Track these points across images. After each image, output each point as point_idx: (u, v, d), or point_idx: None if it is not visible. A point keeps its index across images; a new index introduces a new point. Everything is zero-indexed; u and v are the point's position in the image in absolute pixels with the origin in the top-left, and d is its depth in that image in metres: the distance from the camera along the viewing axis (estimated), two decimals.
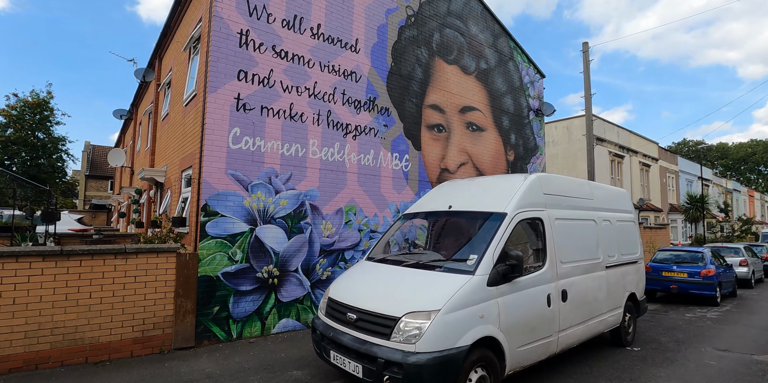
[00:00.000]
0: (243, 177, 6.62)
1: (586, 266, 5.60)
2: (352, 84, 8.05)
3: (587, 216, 5.97)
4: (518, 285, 4.42)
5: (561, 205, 5.46)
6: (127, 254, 5.63)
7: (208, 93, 6.38)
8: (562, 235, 5.25)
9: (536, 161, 12.39)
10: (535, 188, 5.13)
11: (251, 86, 6.79)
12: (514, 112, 11.71)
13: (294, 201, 7.15)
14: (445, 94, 9.78)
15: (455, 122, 9.99)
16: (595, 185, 6.60)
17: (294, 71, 7.28)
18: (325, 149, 7.59)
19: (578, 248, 5.54)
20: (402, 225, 5.74)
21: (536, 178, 5.20)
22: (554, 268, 4.97)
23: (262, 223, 6.76)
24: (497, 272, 4.22)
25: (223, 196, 6.41)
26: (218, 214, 6.35)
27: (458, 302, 3.89)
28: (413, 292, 4.15)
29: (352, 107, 8.02)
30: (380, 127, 8.45)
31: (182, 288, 6.02)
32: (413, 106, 9.13)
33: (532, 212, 4.92)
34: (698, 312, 9.87)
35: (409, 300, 4.05)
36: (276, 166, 6.98)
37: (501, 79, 11.35)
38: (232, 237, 6.46)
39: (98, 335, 5.42)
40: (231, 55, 6.60)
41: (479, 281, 4.09)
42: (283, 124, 7.10)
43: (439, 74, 9.72)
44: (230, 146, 6.53)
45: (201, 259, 6.18)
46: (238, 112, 6.64)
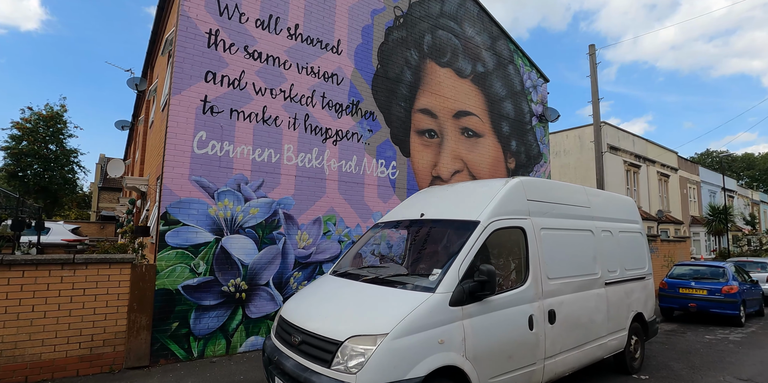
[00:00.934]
0: (209, 184, 6.22)
1: (580, 283, 4.95)
2: (333, 87, 7.65)
3: (582, 226, 5.33)
4: (491, 305, 3.82)
5: (549, 213, 4.85)
6: (75, 265, 5.24)
7: (171, 95, 6.05)
8: (549, 247, 4.63)
9: (540, 169, 11.72)
10: (517, 194, 4.55)
11: (220, 88, 6.44)
12: (514, 117, 11.12)
13: (266, 210, 6.70)
14: (437, 98, 9.30)
15: (449, 128, 9.47)
16: (593, 192, 5.96)
17: (268, 73, 6.91)
18: (302, 154, 7.16)
19: (570, 263, 4.90)
20: (374, 235, 5.21)
21: (518, 182, 4.63)
22: (539, 285, 4.35)
23: (229, 233, 6.32)
24: (463, 289, 3.63)
25: (185, 204, 6.01)
26: (180, 223, 5.93)
27: (412, 324, 3.32)
28: (363, 312, 3.61)
29: (333, 110, 7.60)
30: (364, 132, 8.00)
31: (137, 301, 5.59)
32: (401, 110, 8.66)
33: (512, 221, 4.34)
34: (719, 334, 8.95)
35: (357, 321, 3.51)
36: (246, 172, 6.57)
37: (500, 83, 10.82)
38: (195, 248, 6.02)
39: (40, 351, 5.01)
40: (198, 56, 6.28)
41: (440, 301, 3.51)
42: (255, 128, 6.71)
43: (430, 77, 9.26)
44: (195, 150, 6.16)
45: (159, 271, 5.75)
46: (205, 115, 6.28)
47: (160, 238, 5.81)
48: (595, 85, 12.21)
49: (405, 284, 3.85)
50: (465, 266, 3.75)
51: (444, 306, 3.51)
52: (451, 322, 3.52)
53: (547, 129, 12.12)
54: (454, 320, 3.54)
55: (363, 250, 5.07)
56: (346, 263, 4.89)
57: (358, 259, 4.96)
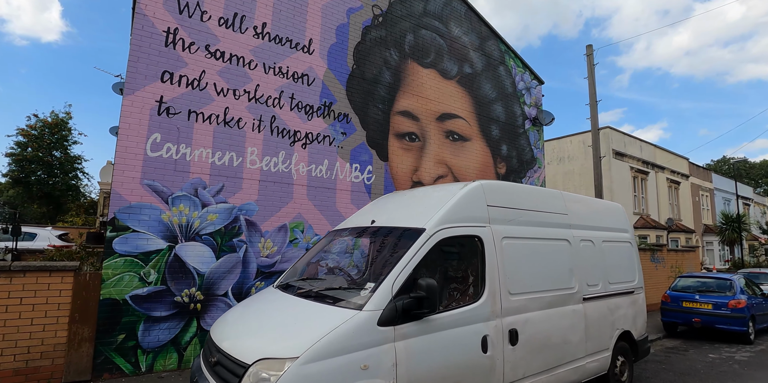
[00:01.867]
0: (162, 188, 5.92)
1: (551, 299, 4.47)
2: (303, 87, 7.33)
3: (557, 235, 4.85)
4: (433, 325, 3.38)
5: (515, 221, 4.40)
6: (11, 273, 4.96)
7: (124, 96, 5.79)
8: (513, 258, 4.18)
9: (533, 174, 11.21)
10: (475, 199, 4.12)
11: (178, 89, 6.17)
12: (505, 120, 10.67)
13: (225, 216, 6.37)
14: (419, 100, 8.92)
15: (432, 131, 9.07)
16: (573, 198, 5.48)
17: (231, 73, 6.63)
18: (267, 158, 6.83)
19: (540, 276, 4.43)
20: (326, 244, 4.82)
21: (477, 186, 4.20)
22: (497, 301, 3.88)
23: (184, 240, 6.00)
24: (395, 307, 3.21)
25: (136, 209, 5.71)
26: (129, 229, 5.63)
27: (329, 347, 2.91)
28: (281, 331, 3.23)
29: (303, 112, 7.28)
30: (337, 134, 7.65)
31: (79, 312, 5.28)
32: (379, 112, 8.30)
33: (467, 229, 3.90)
34: (725, 352, 8.30)
35: (270, 341, 3.13)
36: (205, 176, 6.26)
37: (489, 85, 10.40)
38: (145, 255, 5.71)
39: None
40: (154, 55, 6.02)
41: (366, 320, 3.09)
42: (215, 130, 6.41)
43: (412, 78, 8.90)
44: (148, 153, 5.87)
45: (105, 279, 5.44)
46: (160, 116, 6.01)
47: (107, 245, 5.51)
48: (593, 86, 11.70)
49: (338, 299, 3.46)
50: (401, 281, 3.33)
51: (371, 326, 3.09)
52: (379, 344, 3.09)
53: (542, 133, 11.63)
54: (384, 342, 3.12)
55: (313, 260, 4.68)
56: (291, 274, 4.51)
57: (306, 269, 4.57)
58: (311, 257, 4.69)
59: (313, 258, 4.65)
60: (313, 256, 4.69)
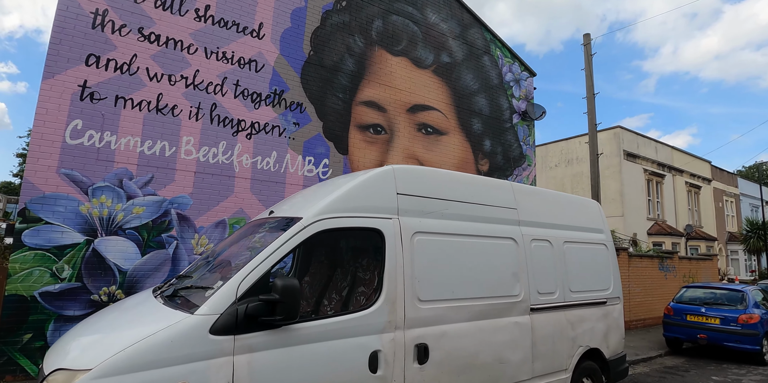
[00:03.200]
0: (81, 178, 5.54)
1: (482, 308, 3.78)
2: (250, 74, 6.87)
3: (498, 232, 4.16)
4: (296, 336, 2.78)
5: (435, 213, 3.76)
6: None
7: (43, 79, 5.46)
8: (428, 258, 3.54)
9: (522, 172, 10.41)
10: (380, 185, 3.50)
11: (105, 73, 5.80)
12: (489, 114, 9.94)
13: (154, 209, 5.94)
14: (386, 90, 8.33)
15: (401, 123, 8.46)
16: (526, 190, 4.77)
17: (167, 57, 6.23)
18: (204, 148, 6.38)
19: (467, 280, 3.75)
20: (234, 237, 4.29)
21: (386, 171, 3.59)
22: (397, 309, 3.24)
23: (104, 234, 5.60)
24: (236, 311, 2.64)
25: (50, 199, 5.35)
26: (41, 221, 5.27)
27: (134, 358, 2.37)
28: (98, 337, 2.73)
29: (249, 100, 6.81)
30: (288, 125, 7.15)
31: None
32: (339, 102, 7.76)
33: (361, 220, 3.29)
34: (731, 374, 7.34)
35: (79, 349, 2.63)
36: (132, 166, 5.85)
37: (471, 76, 9.71)
38: (59, 250, 5.33)
39: None
40: (79, 38, 5.67)
41: (194, 326, 2.54)
42: (145, 117, 6.01)
43: (379, 67, 8.32)
44: (67, 140, 5.51)
45: (11, 274, 5.08)
46: (83, 101, 5.64)
47: (16, 237, 5.16)
48: (590, 78, 10.82)
49: (185, 300, 2.93)
50: (252, 279, 2.77)
51: (199, 334, 2.53)
52: (209, 358, 2.52)
53: (533, 128, 10.81)
54: (217, 355, 2.54)
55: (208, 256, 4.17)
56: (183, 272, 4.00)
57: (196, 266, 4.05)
58: (210, 252, 4.18)
59: (210, 254, 4.14)
60: (212, 251, 4.18)
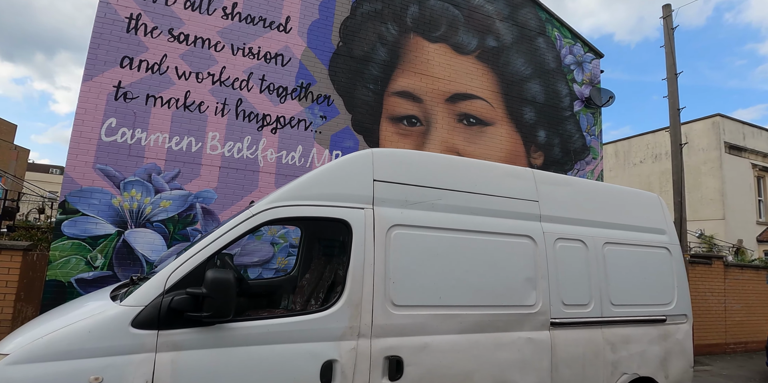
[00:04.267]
0: (115, 173, 5.89)
1: (481, 319, 3.18)
2: (276, 68, 6.84)
3: (509, 228, 3.51)
4: (232, 337, 2.54)
5: (423, 204, 3.27)
6: None
7: (82, 82, 5.90)
8: (408, 256, 3.08)
9: (585, 167, 9.21)
10: (353, 171, 3.12)
11: (137, 73, 6.12)
12: (544, 101, 8.94)
13: (180, 203, 6.14)
14: (423, 79, 7.84)
15: (439, 114, 7.91)
16: (550, 178, 3.99)
17: (195, 56, 6.42)
18: (230, 143, 6.47)
19: (460, 284, 3.17)
20: None
21: (363, 155, 3.20)
22: (362, 313, 2.83)
23: (134, 226, 5.90)
24: (161, 304, 2.46)
25: (87, 193, 5.75)
26: (78, 212, 5.69)
27: (50, 347, 2.30)
28: (38, 323, 2.71)
29: (274, 94, 6.78)
30: (315, 118, 7.00)
31: (25, 291, 5.43)
32: (369, 93, 7.44)
33: (322, 209, 2.94)
34: None
35: (17, 334, 2.63)
36: (160, 161, 6.10)
37: (522, 60, 8.80)
38: (93, 240, 5.71)
39: None
40: (115, 42, 6.05)
41: (114, 317, 2.42)
42: (173, 114, 6.24)
43: (414, 55, 7.86)
44: (103, 137, 5.89)
45: (52, 261, 5.55)
46: (117, 101, 6.00)
47: (56, 227, 5.62)
48: (672, 56, 9.26)
49: (130, 291, 2.83)
50: (185, 270, 2.57)
51: (119, 326, 2.39)
52: (127, 353, 2.37)
53: (599, 117, 9.52)
54: (137, 350, 2.38)
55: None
56: None
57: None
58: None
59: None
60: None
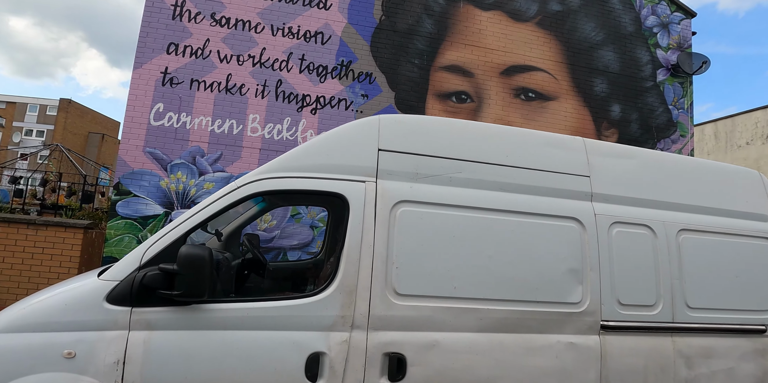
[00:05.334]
0: (162, 156, 6.10)
1: (503, 316, 2.59)
2: (317, 47, 6.64)
3: (548, 209, 2.86)
4: (208, 319, 2.31)
5: (438, 177, 2.79)
6: (37, 226, 5.78)
7: (133, 69, 6.17)
8: (417, 237, 2.59)
9: (673, 146, 7.91)
10: (353, 139, 2.75)
11: (182, 59, 6.27)
12: (620, 71, 7.80)
13: (222, 185, 6.20)
14: (474, 51, 7.19)
15: (493, 88, 7.21)
16: (607, 149, 3.23)
17: (236, 39, 6.43)
18: (270, 125, 6.41)
19: (482, 272, 2.63)
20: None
21: (369, 122, 2.80)
22: (359, 301, 2.42)
23: (180, 207, 6.08)
24: (134, 279, 2.31)
25: (138, 175, 6.02)
26: (131, 193, 5.98)
27: (27, 318, 2.29)
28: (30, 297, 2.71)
29: (314, 74, 6.60)
30: (356, 97, 6.71)
31: (85, 266, 5.85)
32: (414, 69, 6.98)
33: (315, 182, 2.60)
34: None
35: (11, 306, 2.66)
36: (203, 144, 6.22)
37: (592, 25, 7.74)
38: (143, 220, 5.98)
39: (5, 299, 5.64)
40: (162, 29, 6.24)
41: (91, 291, 2.33)
42: (216, 97, 6.31)
43: (464, 25, 7.22)
44: (151, 122, 6.13)
45: (108, 239, 5.90)
46: (164, 87, 6.20)
47: (112, 207, 5.96)
48: None
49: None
50: (162, 245, 2.41)
51: (95, 301, 2.29)
52: (101, 329, 2.25)
53: (689, 87, 8.11)
54: (110, 327, 2.25)
55: None
56: None
57: None
58: None
59: None
60: None
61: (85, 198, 8.27)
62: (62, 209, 8.00)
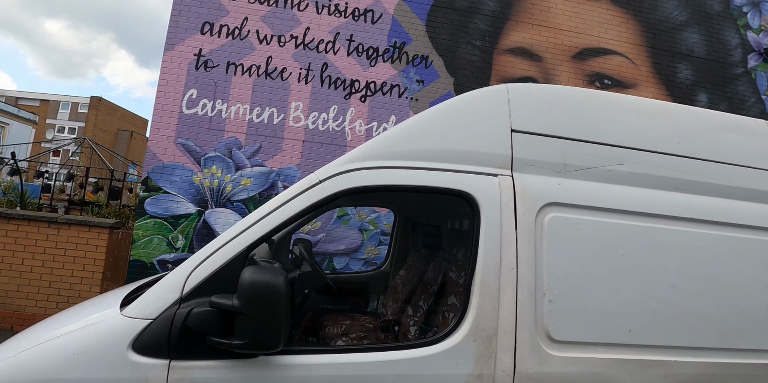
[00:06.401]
0: (195, 148, 5.44)
1: (699, 372, 1.79)
2: (366, 26, 5.89)
3: (754, 218, 1.96)
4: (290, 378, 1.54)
5: (593, 171, 1.91)
6: (59, 225, 5.18)
7: (164, 52, 5.52)
8: (575, 256, 1.75)
9: None
10: (475, 115, 1.94)
11: (218, 40, 5.60)
12: (706, 55, 6.83)
13: (261, 181, 5.52)
14: (542, 32, 6.33)
15: (564, 74, 6.34)
16: None
17: (276, 17, 5.72)
18: (314, 114, 5.69)
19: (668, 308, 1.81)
20: None
21: (491, 92, 1.99)
22: (500, 352, 1.63)
23: (214, 205, 5.41)
24: (174, 319, 1.52)
25: (168, 169, 5.38)
26: (160, 190, 5.34)
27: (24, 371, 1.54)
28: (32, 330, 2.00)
29: (364, 56, 5.85)
30: (410, 83, 5.93)
31: (111, 270, 5.23)
32: (476, 52, 6.16)
33: (430, 174, 1.83)
34: None
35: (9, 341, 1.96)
36: (240, 135, 5.54)
37: (674, 2, 6.79)
38: (174, 219, 5.33)
39: (24, 304, 5.11)
40: (195, 7, 5.58)
41: (111, 335, 1.56)
42: (254, 83, 5.62)
43: (531, 2, 6.37)
44: (183, 110, 5.47)
45: (135, 240, 5.27)
46: (198, 70, 5.53)
47: (139, 205, 5.33)
48: None
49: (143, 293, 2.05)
50: (214, 266, 1.63)
51: (115, 348, 1.52)
52: None
53: None
54: None
55: None
56: None
57: None
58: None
59: None
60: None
61: (112, 194, 7.74)
62: (89, 205, 7.47)
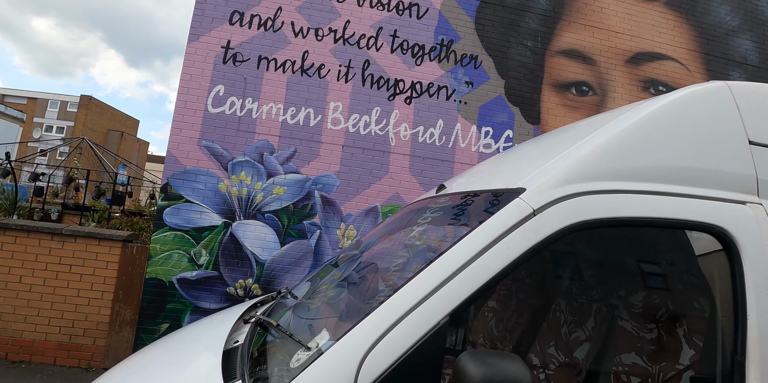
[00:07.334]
0: (222, 151, 4.83)
1: None
2: (411, 21, 5.37)
3: None
4: None
5: None
6: (64, 237, 4.51)
7: (188, 43, 4.91)
8: None
9: None
10: (703, 122, 1.45)
11: (248, 31, 5.01)
12: (759, 63, 6.50)
13: (296, 190, 4.93)
14: (595, 34, 5.90)
15: (618, 79, 5.92)
16: None
17: (314, 8, 5.16)
18: (355, 116, 5.13)
19: None
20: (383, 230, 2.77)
21: (714, 91, 1.49)
22: None
23: (242, 217, 4.79)
24: None
25: (191, 175, 4.74)
26: (182, 198, 4.70)
27: None
28: None
29: (408, 54, 5.33)
30: (459, 84, 5.42)
31: (123, 290, 4.56)
32: (527, 52, 5.69)
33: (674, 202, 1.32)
34: None
35: None
36: (273, 138, 4.94)
37: (727, 7, 6.45)
38: (197, 232, 4.70)
39: (22, 329, 4.41)
40: None
41: None
42: (289, 80, 5.04)
43: (584, 2, 5.94)
44: (209, 109, 4.86)
45: (152, 256, 4.61)
46: (225, 65, 4.93)
47: (158, 215, 4.68)
48: None
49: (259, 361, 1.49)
50: (396, 349, 1.07)
51: None
52: None
53: None
54: None
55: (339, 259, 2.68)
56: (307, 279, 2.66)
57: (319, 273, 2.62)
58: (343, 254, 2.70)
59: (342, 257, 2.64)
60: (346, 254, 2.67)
61: (115, 199, 7.02)
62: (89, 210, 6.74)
